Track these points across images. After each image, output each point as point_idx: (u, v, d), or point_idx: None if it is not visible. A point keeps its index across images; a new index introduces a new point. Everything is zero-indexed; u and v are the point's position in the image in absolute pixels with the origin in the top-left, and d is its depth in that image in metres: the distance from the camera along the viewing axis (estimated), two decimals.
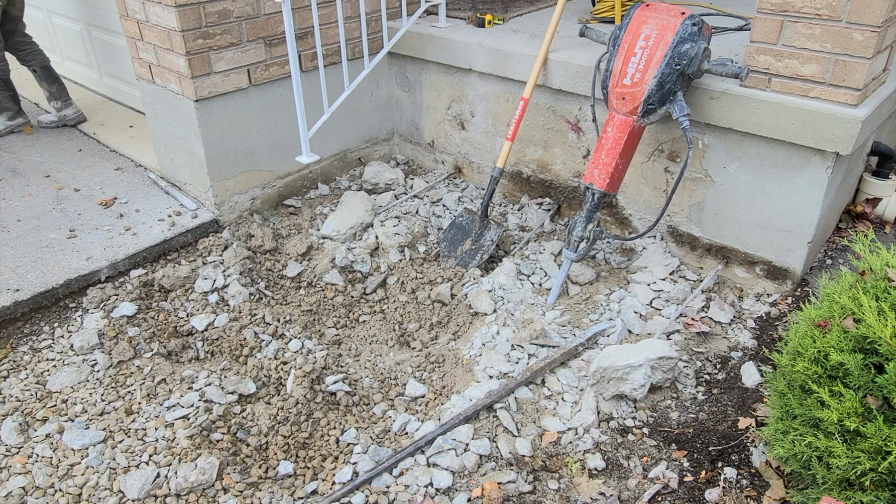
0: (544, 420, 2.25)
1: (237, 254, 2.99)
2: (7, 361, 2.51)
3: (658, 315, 2.63)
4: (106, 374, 2.48)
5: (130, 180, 3.50)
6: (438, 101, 3.58)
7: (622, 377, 2.23)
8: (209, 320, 2.72)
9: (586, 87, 2.87)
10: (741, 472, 2.03)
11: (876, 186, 2.99)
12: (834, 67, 2.29)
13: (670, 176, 2.85)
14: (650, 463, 2.10)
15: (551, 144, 3.21)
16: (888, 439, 1.49)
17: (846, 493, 1.60)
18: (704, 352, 2.48)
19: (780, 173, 2.53)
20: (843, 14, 2.20)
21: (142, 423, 2.30)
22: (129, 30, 3.16)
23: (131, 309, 2.68)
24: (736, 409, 2.24)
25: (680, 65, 2.39)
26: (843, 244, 2.90)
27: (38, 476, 2.09)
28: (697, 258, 2.91)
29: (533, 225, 3.24)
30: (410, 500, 2.00)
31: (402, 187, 3.59)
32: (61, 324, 2.67)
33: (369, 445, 2.22)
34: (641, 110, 2.49)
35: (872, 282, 1.73)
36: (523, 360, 2.48)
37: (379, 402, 2.43)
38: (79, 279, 2.78)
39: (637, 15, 2.51)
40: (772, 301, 2.68)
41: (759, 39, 2.41)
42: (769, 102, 2.41)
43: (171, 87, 3.06)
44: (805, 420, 1.71)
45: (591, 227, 2.73)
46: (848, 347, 1.62)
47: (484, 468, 2.10)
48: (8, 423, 2.24)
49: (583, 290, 2.84)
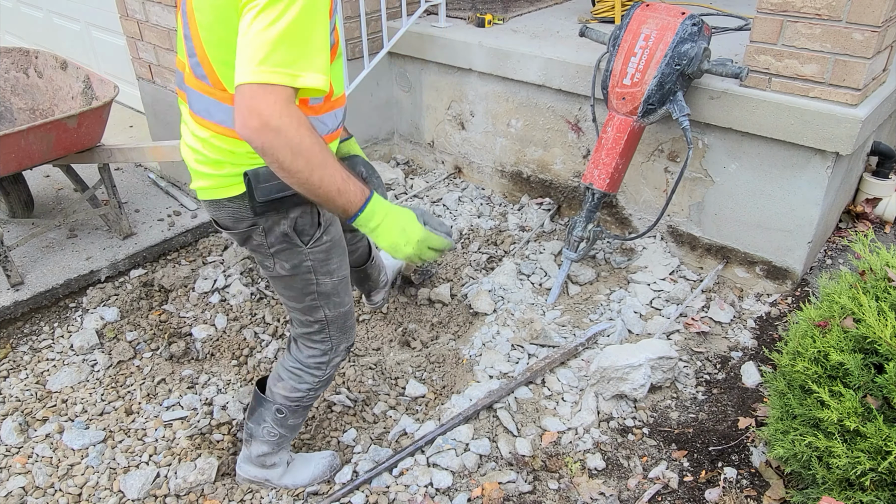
0: (544, 420, 2.25)
1: (237, 254, 2.99)
2: (7, 361, 2.51)
3: (658, 315, 2.64)
4: (106, 374, 2.48)
5: (130, 180, 3.51)
6: (438, 100, 3.58)
7: (622, 377, 2.23)
8: (209, 320, 2.72)
9: (586, 87, 2.87)
10: (741, 472, 2.03)
11: (876, 186, 2.99)
12: (834, 67, 2.29)
13: (670, 176, 2.85)
14: (650, 463, 2.10)
15: (551, 144, 3.21)
16: (888, 439, 1.49)
17: (846, 493, 1.60)
18: (704, 352, 2.48)
19: (780, 173, 2.53)
20: (843, 14, 2.20)
21: (142, 423, 2.30)
22: (129, 30, 3.16)
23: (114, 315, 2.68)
24: (736, 409, 2.25)
25: (680, 65, 2.39)
26: (843, 244, 2.90)
27: (38, 476, 2.09)
28: (697, 258, 2.91)
29: (533, 225, 3.24)
30: (410, 500, 2.00)
31: (402, 187, 3.59)
32: (61, 324, 2.68)
33: (369, 445, 2.22)
34: (641, 110, 2.49)
35: (872, 282, 1.73)
36: (523, 360, 2.48)
37: (378, 402, 2.43)
38: (79, 279, 2.78)
39: (637, 15, 2.51)
40: (772, 301, 2.68)
41: (759, 39, 2.41)
42: (769, 102, 2.41)
43: (171, 87, 3.06)
44: (805, 420, 1.71)
45: (591, 227, 2.73)
46: (848, 347, 1.62)
47: (484, 468, 2.10)
48: (8, 423, 2.24)
49: (583, 289, 2.84)
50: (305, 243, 1.68)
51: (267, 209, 1.58)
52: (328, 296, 1.79)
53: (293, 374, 1.90)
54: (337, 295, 1.81)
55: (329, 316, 1.82)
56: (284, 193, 1.53)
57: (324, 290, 1.77)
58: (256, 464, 2.03)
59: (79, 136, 2.67)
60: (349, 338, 1.93)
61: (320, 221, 1.68)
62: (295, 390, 1.90)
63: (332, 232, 1.74)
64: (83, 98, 2.93)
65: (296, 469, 2.09)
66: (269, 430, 1.96)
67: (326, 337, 1.86)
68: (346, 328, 1.90)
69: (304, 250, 1.68)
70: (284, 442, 2.01)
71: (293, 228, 1.64)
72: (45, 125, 2.52)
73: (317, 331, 1.85)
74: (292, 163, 1.29)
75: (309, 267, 1.71)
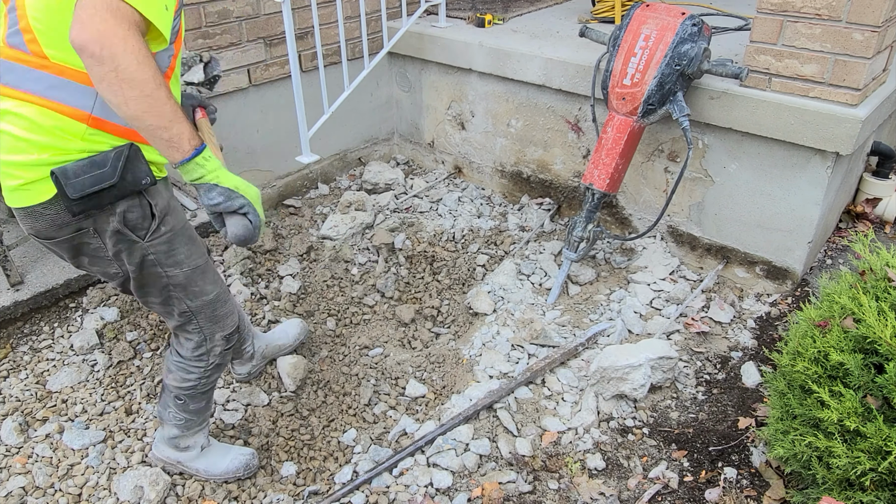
0: (544, 420, 2.25)
1: (237, 254, 2.99)
2: (7, 361, 2.51)
3: (658, 315, 2.63)
4: (106, 374, 2.48)
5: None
6: (438, 100, 3.58)
7: (622, 377, 2.23)
8: None
9: (586, 87, 2.87)
10: (741, 472, 2.03)
11: (876, 186, 2.99)
12: (834, 67, 2.29)
13: (670, 176, 2.85)
14: (650, 463, 2.10)
15: (551, 144, 3.21)
16: (888, 439, 1.49)
17: (846, 493, 1.60)
18: (704, 352, 2.48)
19: (780, 173, 2.53)
20: (843, 14, 2.20)
21: (141, 424, 2.30)
22: None
23: (114, 315, 2.68)
24: (736, 409, 2.25)
25: (680, 65, 2.39)
26: (843, 244, 2.90)
27: (38, 476, 2.09)
28: (697, 258, 2.91)
29: (533, 225, 3.24)
30: (410, 500, 2.00)
31: (402, 187, 3.59)
32: (61, 324, 2.67)
33: (369, 445, 2.22)
34: (641, 110, 2.49)
35: (872, 282, 1.73)
36: (523, 360, 2.48)
37: (379, 403, 2.43)
38: (79, 279, 2.77)
39: (637, 15, 2.51)
40: (772, 301, 2.68)
41: (759, 39, 2.41)
42: (769, 102, 2.41)
43: None
44: (805, 420, 1.71)
45: (591, 228, 2.73)
46: (848, 347, 1.62)
47: (484, 468, 2.10)
48: (8, 423, 2.24)
49: (583, 290, 2.84)
50: (143, 237, 1.64)
51: (85, 207, 1.51)
52: (184, 287, 1.76)
53: (180, 367, 1.91)
54: (194, 284, 1.77)
55: (192, 307, 1.80)
56: (100, 186, 1.49)
57: (177, 282, 1.74)
58: (170, 445, 2.05)
59: None
60: (224, 326, 1.88)
61: (153, 212, 1.64)
62: (185, 381, 1.92)
63: (171, 222, 1.69)
64: None
65: (211, 456, 2.09)
66: (173, 415, 1.99)
67: (197, 328, 1.84)
68: (218, 317, 1.86)
69: (142, 244, 1.65)
70: (193, 425, 2.02)
71: (124, 224, 1.60)
72: None
73: (185, 322, 1.83)
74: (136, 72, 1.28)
75: (153, 261, 1.68)
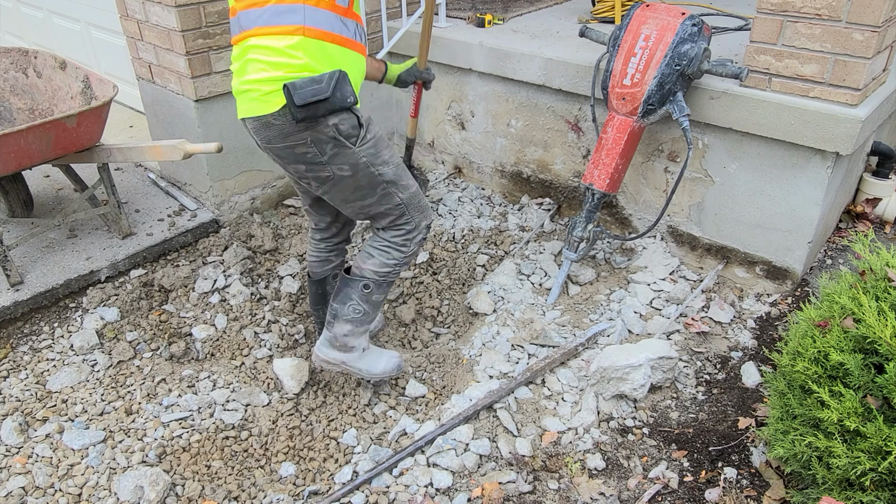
0: (544, 420, 2.25)
1: (237, 254, 2.99)
2: (7, 361, 2.51)
3: (658, 315, 2.63)
4: (106, 374, 2.48)
5: (130, 180, 3.50)
6: (438, 100, 3.58)
7: (622, 377, 2.23)
8: (209, 320, 2.72)
9: (586, 87, 2.87)
10: (741, 472, 2.03)
11: (876, 186, 2.99)
12: (834, 67, 2.29)
13: (670, 176, 2.85)
14: (650, 463, 2.10)
15: (551, 144, 3.21)
16: (888, 439, 1.49)
17: (846, 493, 1.60)
18: (704, 352, 2.48)
19: (780, 173, 2.53)
20: (843, 14, 2.20)
21: (141, 424, 2.30)
22: (129, 30, 3.16)
23: (114, 315, 2.68)
24: (736, 409, 2.25)
25: (680, 65, 2.39)
26: (843, 244, 2.90)
27: (38, 476, 2.09)
28: (697, 258, 2.91)
29: (533, 225, 3.24)
30: (410, 500, 2.00)
31: None
32: (61, 324, 2.67)
33: (369, 445, 2.22)
34: (641, 111, 2.49)
35: (872, 282, 1.73)
36: (523, 360, 2.48)
37: (379, 403, 2.43)
38: (79, 279, 2.78)
39: (637, 15, 2.51)
40: (772, 301, 2.68)
41: (759, 39, 2.41)
42: (769, 102, 2.41)
43: (171, 87, 3.06)
44: (805, 420, 1.71)
45: (591, 228, 2.73)
46: (848, 347, 1.62)
47: (484, 468, 2.10)
48: (8, 423, 2.24)
49: (583, 290, 2.84)
50: (354, 144, 1.93)
51: (305, 115, 1.79)
52: (395, 182, 2.05)
53: (382, 251, 2.14)
54: (402, 179, 2.07)
55: (404, 198, 2.09)
56: (317, 97, 1.77)
57: (389, 178, 2.03)
58: (337, 346, 2.21)
59: (78, 135, 2.67)
60: (427, 216, 2.18)
61: (360, 122, 1.93)
62: (384, 265, 2.14)
63: (374, 130, 1.99)
64: (82, 98, 2.92)
65: (371, 357, 2.28)
66: (354, 307, 2.17)
67: (409, 218, 2.13)
68: (422, 207, 2.16)
69: (354, 150, 1.94)
70: (366, 321, 2.21)
71: (338, 133, 1.89)
72: (44, 125, 2.52)
73: (399, 215, 2.11)
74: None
75: (366, 162, 1.97)
